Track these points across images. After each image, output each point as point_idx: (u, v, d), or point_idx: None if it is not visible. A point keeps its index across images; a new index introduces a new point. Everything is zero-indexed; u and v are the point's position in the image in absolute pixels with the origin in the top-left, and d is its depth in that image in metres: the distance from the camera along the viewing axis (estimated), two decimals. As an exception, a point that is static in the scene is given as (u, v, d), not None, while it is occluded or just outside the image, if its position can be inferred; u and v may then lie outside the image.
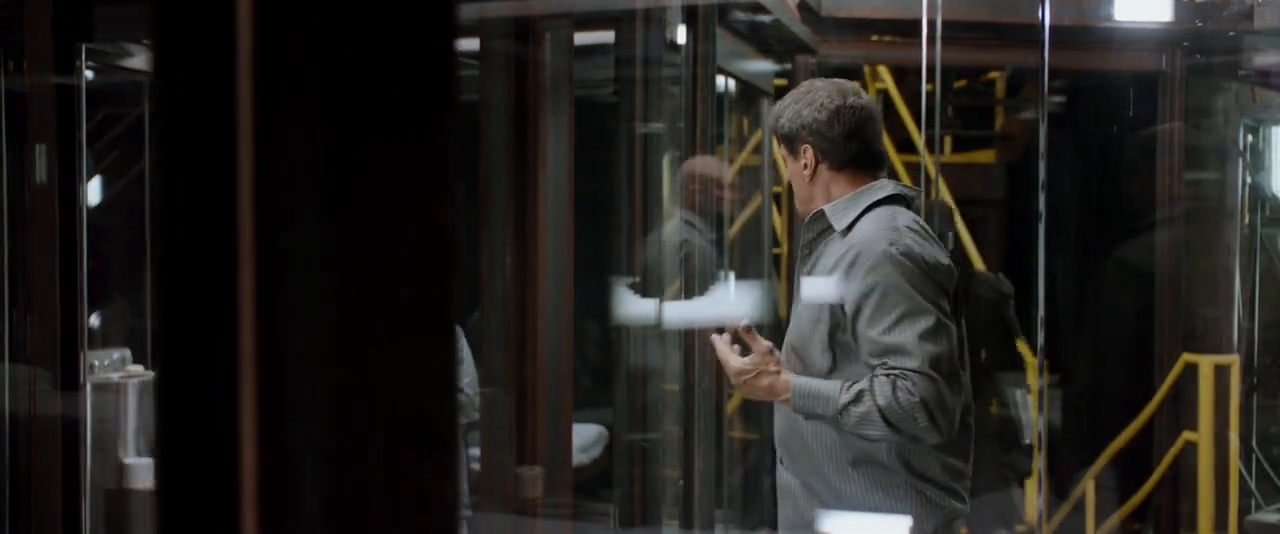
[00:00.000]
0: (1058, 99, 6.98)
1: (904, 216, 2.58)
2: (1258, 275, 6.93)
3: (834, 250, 2.60)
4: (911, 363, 2.38)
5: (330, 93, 0.62)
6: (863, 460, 2.55)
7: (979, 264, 5.61)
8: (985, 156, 6.23)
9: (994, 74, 6.28)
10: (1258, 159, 7.39)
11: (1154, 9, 5.74)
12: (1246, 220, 6.92)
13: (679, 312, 4.16)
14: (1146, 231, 6.22)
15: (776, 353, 2.60)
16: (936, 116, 4.30)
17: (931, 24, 4.20)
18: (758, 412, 5.33)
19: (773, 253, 5.51)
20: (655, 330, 4.09)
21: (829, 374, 2.54)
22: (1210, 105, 6.37)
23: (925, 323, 2.41)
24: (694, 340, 4.25)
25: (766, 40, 5.11)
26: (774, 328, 5.30)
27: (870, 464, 2.54)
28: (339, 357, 0.58)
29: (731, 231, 4.87)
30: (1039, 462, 5.39)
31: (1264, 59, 6.19)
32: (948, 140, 6.48)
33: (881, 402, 2.37)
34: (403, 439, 0.59)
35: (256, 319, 0.57)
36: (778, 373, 2.55)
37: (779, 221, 5.67)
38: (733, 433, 5.01)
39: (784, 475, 2.75)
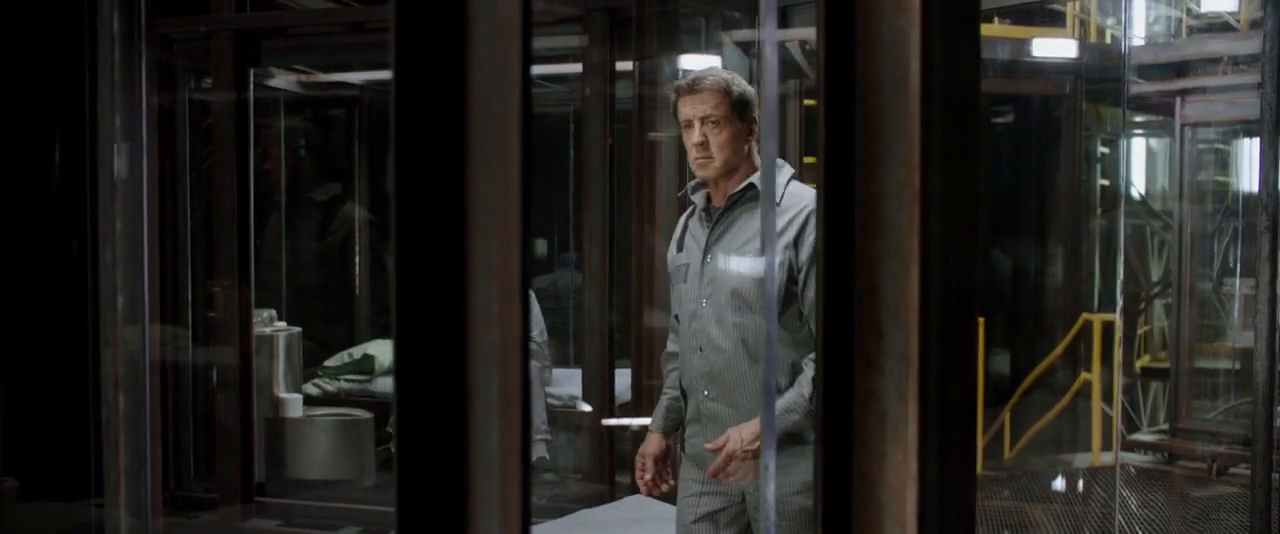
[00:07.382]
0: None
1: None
2: (1121, 257, 8.58)
3: (766, 215, 2.90)
4: None
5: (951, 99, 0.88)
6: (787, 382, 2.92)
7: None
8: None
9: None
10: (1113, 165, 9.11)
11: (1057, 50, 7.37)
12: (1101, 213, 8.55)
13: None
14: (1046, 217, 7.82)
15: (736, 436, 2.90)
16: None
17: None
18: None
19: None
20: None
21: (780, 315, 2.84)
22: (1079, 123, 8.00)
23: None
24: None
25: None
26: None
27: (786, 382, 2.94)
28: (948, 257, 0.90)
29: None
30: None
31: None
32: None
33: None
34: (961, 295, 0.90)
35: (921, 238, 0.89)
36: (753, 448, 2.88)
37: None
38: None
39: (711, 406, 3.02)
